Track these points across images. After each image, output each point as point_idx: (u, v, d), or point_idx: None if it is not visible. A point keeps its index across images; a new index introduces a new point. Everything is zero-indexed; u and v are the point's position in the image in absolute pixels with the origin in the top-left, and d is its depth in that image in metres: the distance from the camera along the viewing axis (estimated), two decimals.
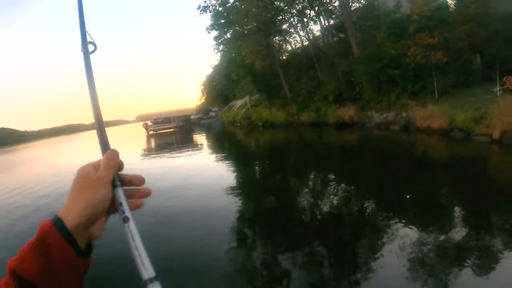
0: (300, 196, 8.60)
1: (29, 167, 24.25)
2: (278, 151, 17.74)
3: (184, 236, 6.40)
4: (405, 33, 18.36)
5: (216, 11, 32.58)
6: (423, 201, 6.94)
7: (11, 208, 10.31)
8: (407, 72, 17.82)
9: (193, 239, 6.14)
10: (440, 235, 5.18)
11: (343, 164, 12.39)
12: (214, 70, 59.79)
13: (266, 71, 31.79)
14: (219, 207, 7.94)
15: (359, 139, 17.58)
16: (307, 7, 28.85)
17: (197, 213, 7.54)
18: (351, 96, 21.98)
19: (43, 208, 9.58)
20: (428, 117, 14.77)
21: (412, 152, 13.03)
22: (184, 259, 5.37)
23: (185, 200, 8.89)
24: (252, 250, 5.71)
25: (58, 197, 10.45)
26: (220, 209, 7.73)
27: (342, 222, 6.46)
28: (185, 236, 6.40)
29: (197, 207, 8.08)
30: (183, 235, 6.48)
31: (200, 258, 5.42)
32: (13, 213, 9.61)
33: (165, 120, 43.50)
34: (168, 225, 7.05)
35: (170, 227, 6.87)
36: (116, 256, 4.09)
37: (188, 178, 11.70)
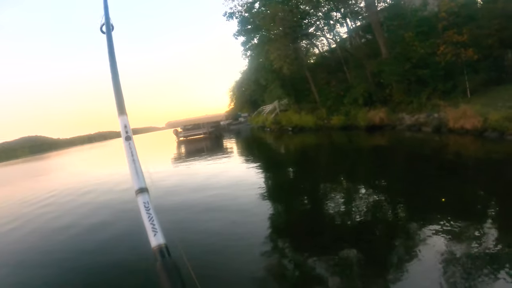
0: (330, 200, 8.58)
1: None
2: (308, 155, 17.72)
3: (214, 239, 6.57)
4: (433, 31, 17.94)
5: (242, 17, 32.91)
6: (457, 205, 6.81)
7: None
8: (437, 71, 17.36)
9: (224, 242, 6.30)
10: (474, 241, 5.06)
11: (374, 168, 12.22)
12: (243, 76, 60.47)
13: (295, 75, 31.87)
14: (250, 210, 8.10)
15: (390, 141, 17.29)
16: (332, 9, 28.71)
17: (227, 218, 7.72)
18: (381, 98, 21.62)
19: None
20: (461, 117, 14.36)
21: (445, 154, 12.67)
22: (214, 262, 5.52)
23: (215, 204, 9.11)
24: (282, 254, 5.77)
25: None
26: (250, 213, 7.88)
27: (373, 227, 6.41)
28: (215, 239, 6.57)
29: (227, 211, 8.27)
30: (213, 238, 6.67)
31: (230, 261, 5.58)
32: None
33: (195, 126, 44.22)
34: (198, 228, 7.25)
35: (200, 231, 7.05)
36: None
37: (218, 182, 11.92)
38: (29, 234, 8.97)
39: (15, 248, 7.97)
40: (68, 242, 7.74)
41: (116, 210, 10.11)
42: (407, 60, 18.78)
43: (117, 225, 8.41)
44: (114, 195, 12.53)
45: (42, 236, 8.63)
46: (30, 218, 10.97)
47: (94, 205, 11.45)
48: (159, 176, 14.31)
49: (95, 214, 10.05)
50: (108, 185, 15.04)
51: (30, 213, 11.77)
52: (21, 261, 7.05)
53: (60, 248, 7.39)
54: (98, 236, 7.74)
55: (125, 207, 9.85)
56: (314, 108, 28.58)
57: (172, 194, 10.75)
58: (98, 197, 12.84)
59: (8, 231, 9.70)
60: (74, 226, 8.91)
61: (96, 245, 7.16)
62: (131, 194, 0.81)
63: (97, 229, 8.28)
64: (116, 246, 6.94)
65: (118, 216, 9.27)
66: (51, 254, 7.12)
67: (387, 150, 15.47)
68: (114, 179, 16.27)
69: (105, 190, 14.15)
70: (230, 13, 32.57)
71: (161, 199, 9.81)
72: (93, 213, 10.17)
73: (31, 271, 6.45)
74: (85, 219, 9.56)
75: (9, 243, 8.51)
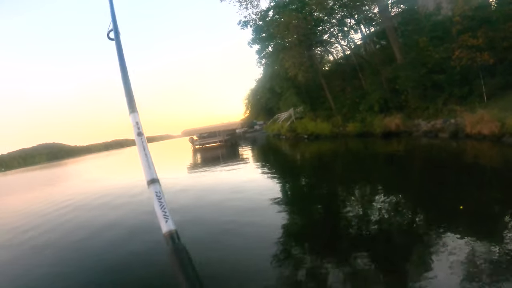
0: (347, 207, 8.50)
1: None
2: (324, 163, 17.60)
3: (229, 245, 6.61)
4: (448, 36, 17.73)
5: (256, 25, 33.19)
6: (475, 213, 6.66)
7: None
8: (452, 76, 17.11)
9: (238, 249, 6.32)
10: (493, 250, 4.93)
11: (390, 175, 12.06)
12: (258, 84, 60.91)
13: (310, 83, 31.88)
14: (265, 217, 8.12)
15: (407, 148, 17.05)
16: (346, 16, 28.69)
17: (242, 226, 7.70)
18: (397, 104, 21.39)
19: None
20: (478, 123, 14.10)
21: (462, 160, 12.42)
22: (227, 268, 5.57)
23: (232, 211, 9.15)
24: (297, 262, 5.69)
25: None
26: (265, 220, 7.89)
27: (389, 234, 6.34)
28: (229, 245, 6.60)
29: (243, 218, 8.30)
30: (227, 243, 6.74)
31: (244, 267, 5.60)
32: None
33: (211, 134, 44.33)
34: (215, 234, 7.33)
35: (217, 238, 7.09)
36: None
37: (235, 190, 11.93)
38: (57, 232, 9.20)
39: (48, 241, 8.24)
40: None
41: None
42: (422, 65, 18.58)
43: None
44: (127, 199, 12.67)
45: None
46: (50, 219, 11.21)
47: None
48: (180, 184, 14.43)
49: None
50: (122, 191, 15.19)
51: (49, 214, 12.02)
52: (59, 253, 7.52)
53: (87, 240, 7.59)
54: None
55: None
56: (329, 116, 28.46)
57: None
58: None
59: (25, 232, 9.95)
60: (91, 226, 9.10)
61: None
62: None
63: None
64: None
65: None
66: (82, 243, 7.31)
67: (403, 157, 15.23)
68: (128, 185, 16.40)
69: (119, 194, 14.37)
70: (244, 21, 32.93)
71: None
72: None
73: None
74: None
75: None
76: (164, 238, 0.82)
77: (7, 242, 9.67)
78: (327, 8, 26.71)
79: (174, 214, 0.86)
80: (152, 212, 0.88)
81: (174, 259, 0.79)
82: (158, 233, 0.86)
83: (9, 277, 6.89)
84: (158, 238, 0.88)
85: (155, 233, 6.87)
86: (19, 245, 9.05)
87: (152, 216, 1.50)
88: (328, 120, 28.00)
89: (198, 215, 9.22)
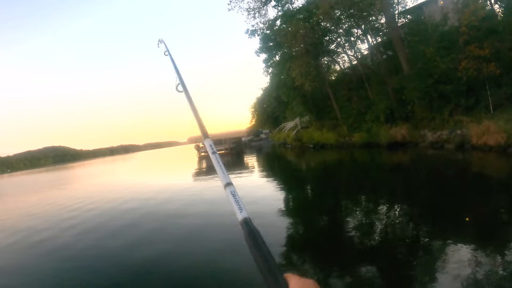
0: (351, 217, 8.41)
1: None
2: (329, 172, 17.48)
3: (233, 253, 6.52)
4: (454, 46, 17.59)
5: (264, 34, 33.34)
6: (481, 225, 6.57)
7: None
8: (459, 87, 16.96)
9: (241, 257, 6.18)
10: (497, 263, 4.83)
11: (396, 186, 11.92)
12: (264, 92, 61.07)
13: (316, 92, 31.86)
14: (269, 226, 7.96)
15: (413, 159, 16.90)
16: (353, 26, 28.69)
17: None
18: (403, 115, 21.26)
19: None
20: (484, 134, 13.98)
21: (468, 172, 12.27)
22: (232, 277, 5.53)
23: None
24: (301, 272, 5.56)
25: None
26: (269, 229, 7.75)
27: (394, 245, 6.24)
28: (233, 253, 6.51)
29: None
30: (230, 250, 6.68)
31: (245, 278, 5.45)
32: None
33: (217, 142, 44.25)
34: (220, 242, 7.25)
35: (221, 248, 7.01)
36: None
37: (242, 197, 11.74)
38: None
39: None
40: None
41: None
42: (429, 75, 18.41)
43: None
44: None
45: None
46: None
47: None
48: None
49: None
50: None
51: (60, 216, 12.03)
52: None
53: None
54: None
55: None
56: (335, 125, 28.39)
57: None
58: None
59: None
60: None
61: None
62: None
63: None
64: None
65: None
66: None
67: (409, 168, 15.07)
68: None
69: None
70: (252, 30, 33.14)
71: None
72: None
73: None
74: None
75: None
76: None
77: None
78: (334, 18, 26.72)
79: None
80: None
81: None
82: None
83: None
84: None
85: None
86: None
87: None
88: (334, 129, 27.94)
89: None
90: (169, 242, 7.82)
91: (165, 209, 11.79)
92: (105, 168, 54.25)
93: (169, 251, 7.12)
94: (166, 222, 9.83)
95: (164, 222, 9.79)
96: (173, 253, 7.04)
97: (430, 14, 23.33)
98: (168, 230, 8.94)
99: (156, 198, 14.31)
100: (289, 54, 30.22)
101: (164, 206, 12.23)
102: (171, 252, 7.09)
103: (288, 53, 30.57)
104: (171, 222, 9.73)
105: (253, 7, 32.54)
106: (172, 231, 8.73)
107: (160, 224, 9.60)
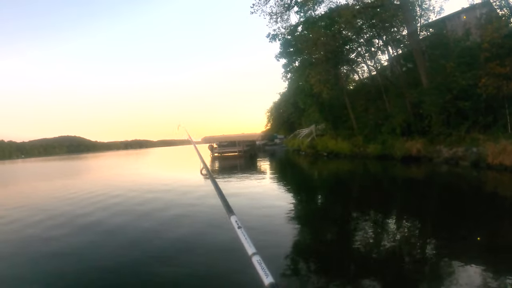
0: (359, 229, 8.28)
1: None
2: (341, 182, 17.38)
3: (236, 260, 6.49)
4: (475, 62, 17.33)
5: (285, 39, 33.38)
6: (493, 245, 6.42)
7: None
8: (478, 104, 16.68)
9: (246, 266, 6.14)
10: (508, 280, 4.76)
11: (407, 200, 11.75)
12: (281, 98, 61.36)
13: (333, 101, 31.87)
14: (277, 233, 7.97)
15: (426, 174, 16.69)
16: (375, 36, 28.61)
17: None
18: (419, 129, 21.00)
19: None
20: (500, 153, 13.75)
21: (482, 191, 12.03)
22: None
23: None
24: (306, 282, 5.55)
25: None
26: (276, 236, 7.75)
27: (401, 260, 6.16)
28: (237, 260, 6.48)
29: (252, 231, 8.09)
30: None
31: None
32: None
33: (231, 143, 44.57)
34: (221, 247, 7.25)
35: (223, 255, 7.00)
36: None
37: (248, 200, 11.89)
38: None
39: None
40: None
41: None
42: (448, 91, 18.15)
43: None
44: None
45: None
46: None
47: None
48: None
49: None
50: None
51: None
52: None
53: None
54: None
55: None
56: (350, 135, 28.23)
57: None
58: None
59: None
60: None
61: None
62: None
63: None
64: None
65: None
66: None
67: (423, 183, 14.85)
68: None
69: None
70: (273, 34, 33.15)
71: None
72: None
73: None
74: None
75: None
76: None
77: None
78: (355, 27, 26.69)
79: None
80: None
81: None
82: None
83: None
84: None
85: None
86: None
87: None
88: (349, 139, 27.78)
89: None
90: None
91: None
92: (119, 160, 54.63)
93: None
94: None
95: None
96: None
97: (452, 28, 23.11)
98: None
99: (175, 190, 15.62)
100: (308, 61, 30.21)
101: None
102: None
103: (308, 60, 30.56)
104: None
105: (275, 12, 32.58)
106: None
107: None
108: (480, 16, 19.40)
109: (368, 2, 25.29)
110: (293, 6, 32.79)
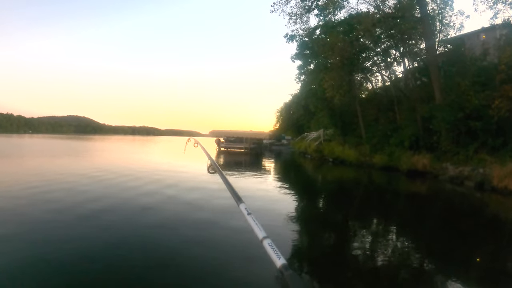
0: (357, 241, 8.25)
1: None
2: (344, 190, 17.38)
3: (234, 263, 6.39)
4: (490, 83, 17.27)
5: (302, 41, 33.34)
6: (493, 266, 6.51)
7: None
8: (489, 125, 16.60)
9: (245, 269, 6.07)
10: None
11: (408, 215, 11.72)
12: (293, 99, 61.44)
13: (345, 107, 31.88)
14: (275, 235, 7.96)
15: (430, 191, 16.65)
16: (392, 47, 28.53)
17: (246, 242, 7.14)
18: (428, 144, 20.91)
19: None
20: (506, 177, 13.70)
21: (485, 214, 12.01)
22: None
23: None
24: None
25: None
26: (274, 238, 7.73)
27: (396, 274, 6.21)
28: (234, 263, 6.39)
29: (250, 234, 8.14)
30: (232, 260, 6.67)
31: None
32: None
33: (238, 139, 44.68)
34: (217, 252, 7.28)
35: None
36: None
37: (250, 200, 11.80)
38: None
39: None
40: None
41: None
42: (460, 109, 18.06)
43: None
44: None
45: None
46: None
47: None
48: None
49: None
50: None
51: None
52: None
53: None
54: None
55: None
56: (358, 143, 28.26)
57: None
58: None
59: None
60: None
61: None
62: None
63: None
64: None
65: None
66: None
67: (425, 199, 14.78)
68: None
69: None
70: (291, 35, 33.09)
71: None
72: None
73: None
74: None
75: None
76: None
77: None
78: (374, 36, 26.63)
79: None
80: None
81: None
82: None
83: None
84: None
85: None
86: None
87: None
88: (356, 147, 27.79)
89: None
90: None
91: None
92: (126, 146, 54.69)
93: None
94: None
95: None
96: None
97: (470, 47, 22.95)
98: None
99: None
100: (324, 65, 30.30)
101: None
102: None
103: (323, 64, 30.63)
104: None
105: (295, 13, 32.53)
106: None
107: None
108: (499, 37, 19.29)
109: (389, 12, 25.25)
110: (314, 9, 32.68)
